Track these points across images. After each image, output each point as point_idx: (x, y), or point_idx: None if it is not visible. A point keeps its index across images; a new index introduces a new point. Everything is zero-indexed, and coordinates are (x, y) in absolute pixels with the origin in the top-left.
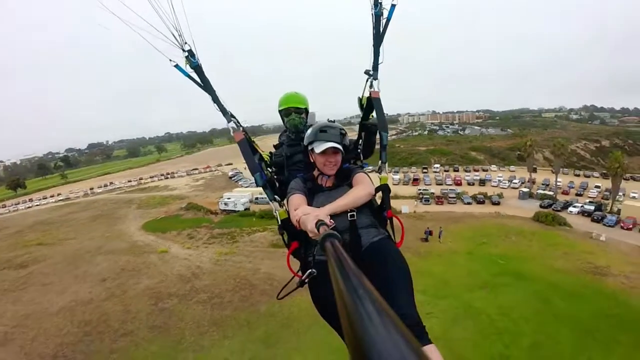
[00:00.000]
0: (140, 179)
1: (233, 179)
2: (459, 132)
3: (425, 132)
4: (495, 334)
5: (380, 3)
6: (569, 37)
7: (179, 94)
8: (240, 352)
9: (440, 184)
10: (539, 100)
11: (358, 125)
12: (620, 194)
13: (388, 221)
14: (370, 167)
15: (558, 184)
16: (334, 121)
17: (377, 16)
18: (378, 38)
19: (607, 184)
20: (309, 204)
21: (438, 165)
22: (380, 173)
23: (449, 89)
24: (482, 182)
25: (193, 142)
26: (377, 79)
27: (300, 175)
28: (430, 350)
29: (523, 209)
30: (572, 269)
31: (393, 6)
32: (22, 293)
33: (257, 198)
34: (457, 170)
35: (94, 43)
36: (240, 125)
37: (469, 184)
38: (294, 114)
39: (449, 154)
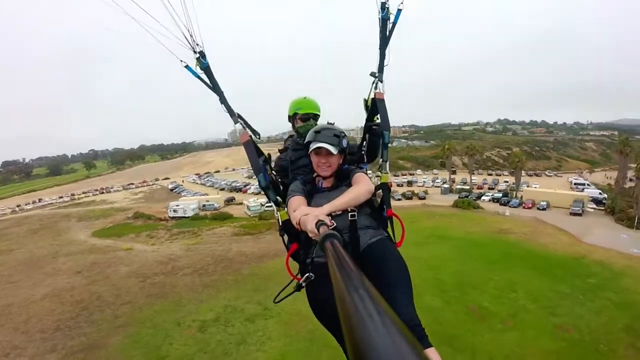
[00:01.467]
0: (72, 194)
1: (174, 191)
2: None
3: None
4: (429, 269)
5: (387, 7)
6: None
7: (100, 109)
8: (236, 299)
9: None
10: (459, 115)
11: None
12: (524, 185)
13: (388, 221)
14: (370, 172)
15: (474, 181)
16: (332, 123)
17: (384, 20)
18: (384, 41)
19: (514, 179)
20: (308, 205)
21: (370, 172)
22: (380, 171)
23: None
24: (410, 183)
25: (122, 158)
26: (382, 81)
27: (300, 178)
28: (430, 352)
29: (445, 200)
30: (483, 231)
31: (399, 11)
32: None
33: (204, 205)
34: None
35: None
36: (246, 127)
37: (398, 185)
38: (312, 120)
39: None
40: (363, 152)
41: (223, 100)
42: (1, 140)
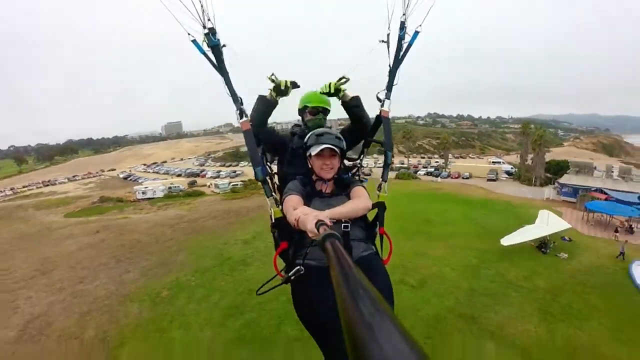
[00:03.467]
0: (12, 188)
1: (129, 179)
2: None
3: None
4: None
5: (406, 27)
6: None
7: (17, 102)
8: (261, 229)
9: None
10: (392, 110)
11: (362, 142)
12: (452, 163)
13: (377, 238)
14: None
15: (410, 163)
16: (330, 127)
17: (400, 39)
18: (397, 61)
19: (443, 161)
20: (305, 206)
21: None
22: (379, 190)
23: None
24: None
25: (51, 154)
26: (389, 99)
27: (299, 178)
28: None
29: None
30: (422, 189)
31: (417, 33)
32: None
33: (170, 188)
34: None
35: None
36: (245, 115)
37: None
38: (322, 114)
39: None
40: (359, 164)
41: (228, 82)
42: None
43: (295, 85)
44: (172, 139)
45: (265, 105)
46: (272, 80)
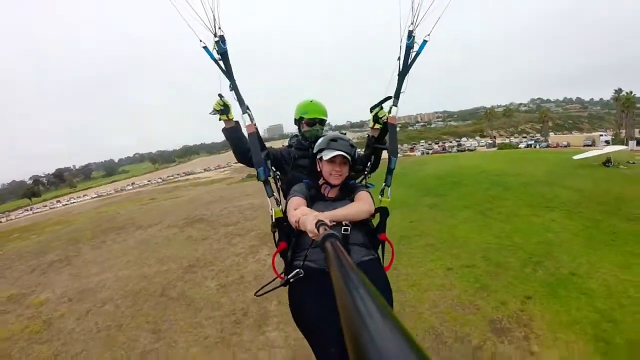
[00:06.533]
0: (160, 178)
1: None
2: (427, 126)
3: (398, 129)
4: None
5: (414, 36)
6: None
7: (135, 118)
8: None
9: (430, 149)
10: (491, 98)
11: (370, 147)
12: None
13: (380, 245)
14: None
15: (513, 141)
16: (345, 134)
17: (408, 48)
18: (405, 69)
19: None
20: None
21: (423, 141)
22: (382, 196)
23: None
24: (459, 145)
25: (170, 158)
26: (396, 106)
27: (305, 181)
28: None
29: (489, 151)
30: (517, 152)
31: (425, 42)
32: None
33: None
34: (437, 144)
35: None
36: (253, 119)
37: (450, 147)
38: (319, 124)
39: (425, 138)
40: (366, 172)
41: (234, 87)
42: (52, 152)
43: (220, 96)
44: (274, 139)
45: (232, 133)
46: (218, 109)
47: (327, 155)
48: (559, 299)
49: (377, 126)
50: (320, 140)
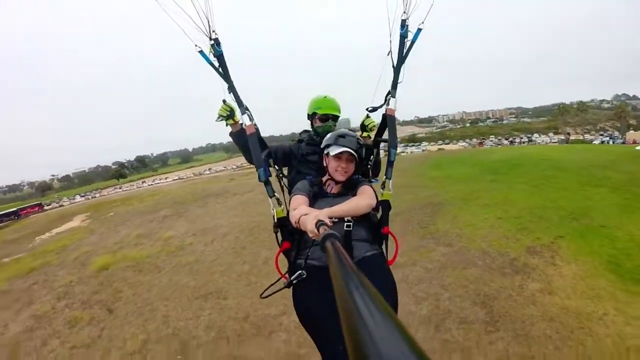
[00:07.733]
0: (234, 165)
1: None
2: (498, 122)
3: (468, 125)
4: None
5: (407, 25)
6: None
7: (198, 110)
8: None
9: (499, 144)
10: (570, 94)
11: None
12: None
13: (384, 239)
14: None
15: (588, 138)
16: (354, 130)
17: (403, 37)
18: (401, 59)
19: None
20: (312, 206)
21: (493, 137)
22: (383, 189)
23: (472, 89)
24: (530, 141)
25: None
26: (394, 97)
27: (309, 178)
28: None
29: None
30: (590, 146)
31: (419, 30)
32: None
33: None
34: (507, 139)
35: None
36: (253, 119)
37: (522, 142)
38: (332, 120)
39: (495, 134)
40: (369, 166)
41: (232, 89)
42: (133, 142)
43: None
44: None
45: (239, 136)
46: (224, 114)
47: (333, 150)
48: (585, 240)
49: (365, 134)
50: (328, 135)
